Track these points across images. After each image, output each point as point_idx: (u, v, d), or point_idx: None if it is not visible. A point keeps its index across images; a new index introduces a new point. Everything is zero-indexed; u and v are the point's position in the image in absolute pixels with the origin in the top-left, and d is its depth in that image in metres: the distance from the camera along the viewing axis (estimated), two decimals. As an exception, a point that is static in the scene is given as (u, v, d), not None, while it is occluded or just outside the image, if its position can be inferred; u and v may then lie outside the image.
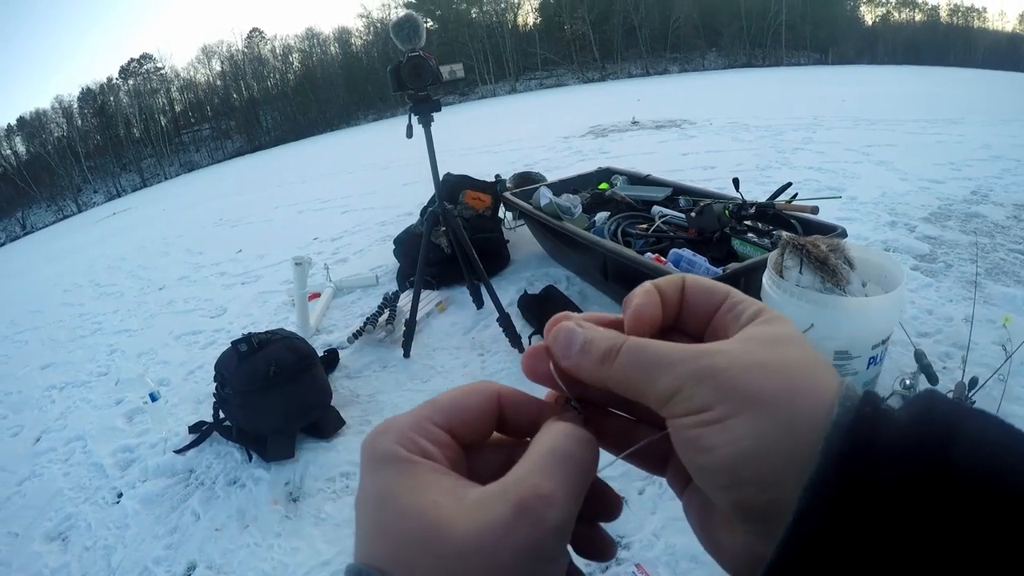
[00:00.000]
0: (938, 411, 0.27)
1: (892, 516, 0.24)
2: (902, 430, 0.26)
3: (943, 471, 0.24)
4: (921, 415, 0.27)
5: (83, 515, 2.55)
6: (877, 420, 0.27)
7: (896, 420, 0.27)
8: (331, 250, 5.69)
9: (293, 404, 2.65)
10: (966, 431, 0.25)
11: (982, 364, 2.38)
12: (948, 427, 0.25)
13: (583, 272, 3.79)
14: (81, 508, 2.60)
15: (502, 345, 3.19)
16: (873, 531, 0.24)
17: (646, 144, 8.81)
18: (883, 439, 0.26)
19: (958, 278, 3.28)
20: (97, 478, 2.78)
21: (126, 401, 3.46)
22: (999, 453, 0.24)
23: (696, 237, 3.19)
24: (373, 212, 6.92)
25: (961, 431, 0.25)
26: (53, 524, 2.53)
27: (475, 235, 3.79)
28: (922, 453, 0.25)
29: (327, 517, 2.26)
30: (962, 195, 4.56)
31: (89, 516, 2.54)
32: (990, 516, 0.23)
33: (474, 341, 3.39)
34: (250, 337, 2.72)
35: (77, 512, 2.58)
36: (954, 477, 0.24)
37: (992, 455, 0.24)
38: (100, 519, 2.50)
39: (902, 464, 0.25)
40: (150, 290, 5.79)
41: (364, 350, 3.43)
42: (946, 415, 0.26)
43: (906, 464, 0.25)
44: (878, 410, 0.27)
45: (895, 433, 0.26)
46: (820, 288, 2.06)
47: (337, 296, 4.36)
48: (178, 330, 4.42)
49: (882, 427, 0.27)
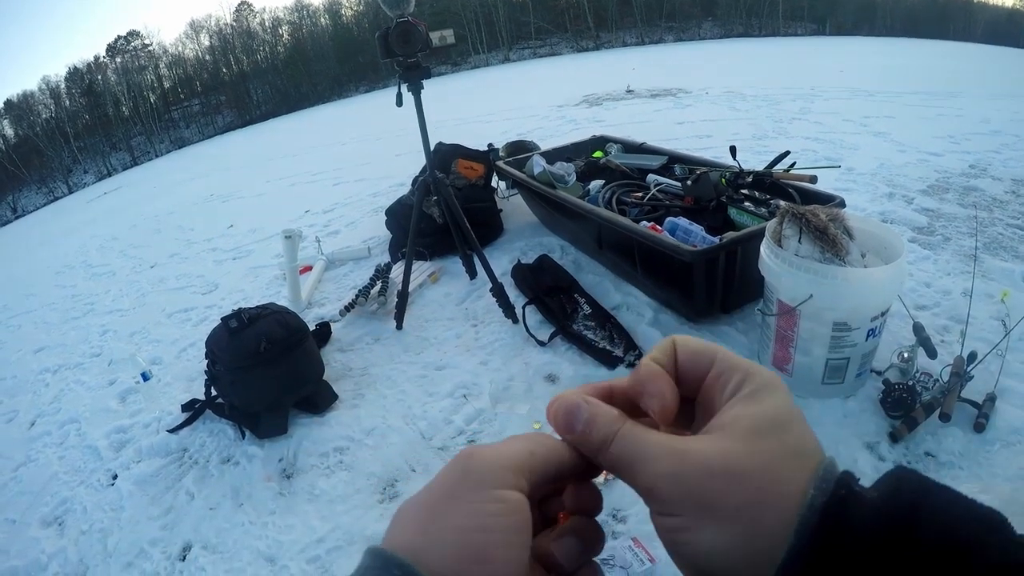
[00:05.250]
0: (905, 488, 0.29)
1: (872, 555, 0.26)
2: (873, 509, 0.28)
3: (910, 546, 0.26)
4: (891, 494, 0.29)
5: (79, 499, 2.53)
6: (849, 500, 0.29)
7: (867, 500, 0.29)
8: (323, 222, 5.62)
9: (285, 379, 2.61)
10: (931, 507, 0.28)
11: (980, 338, 2.36)
12: (914, 505, 0.28)
13: (577, 241, 3.75)
14: (76, 492, 2.57)
15: (496, 315, 3.15)
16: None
17: (641, 113, 8.69)
18: (854, 518, 0.28)
19: (956, 251, 3.25)
20: (92, 461, 2.76)
21: (119, 382, 3.42)
22: (962, 528, 0.26)
23: (692, 206, 3.14)
24: (365, 184, 6.82)
25: (926, 508, 0.27)
26: (49, 509, 2.51)
27: (468, 204, 3.71)
28: (890, 531, 0.27)
29: (321, 493, 2.23)
30: (960, 168, 4.51)
31: (84, 499, 2.51)
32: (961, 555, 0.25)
33: (467, 312, 3.35)
34: (240, 313, 2.67)
35: (73, 496, 2.55)
36: (920, 551, 0.26)
37: (955, 530, 0.26)
38: (95, 502, 2.48)
39: (872, 540, 0.27)
40: (142, 268, 5.73)
41: (356, 323, 3.38)
42: (913, 492, 0.29)
43: (875, 540, 0.27)
44: (851, 491, 0.30)
45: (867, 512, 0.28)
46: (819, 258, 2.01)
47: (329, 269, 4.31)
48: (170, 308, 4.37)
49: (853, 507, 0.29)
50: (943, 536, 0.26)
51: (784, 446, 0.31)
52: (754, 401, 0.33)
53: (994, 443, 1.96)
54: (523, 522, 0.32)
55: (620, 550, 1.76)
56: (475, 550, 0.31)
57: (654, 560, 1.73)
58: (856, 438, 2.06)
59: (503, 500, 0.32)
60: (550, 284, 3.25)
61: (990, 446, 1.96)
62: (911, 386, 2.11)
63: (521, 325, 3.03)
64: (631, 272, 3.11)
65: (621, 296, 3.15)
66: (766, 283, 2.26)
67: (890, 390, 2.11)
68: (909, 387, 2.10)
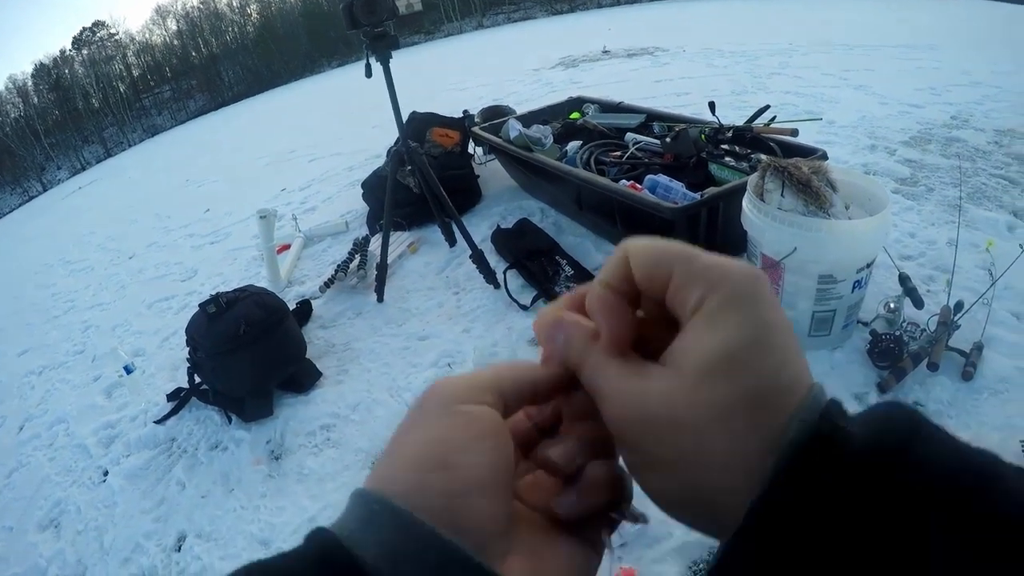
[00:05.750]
0: (898, 416, 0.26)
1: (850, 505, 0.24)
2: (863, 433, 0.26)
3: (895, 493, 0.24)
4: (881, 421, 0.26)
5: (72, 499, 2.52)
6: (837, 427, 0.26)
7: (857, 424, 0.26)
8: (299, 200, 5.55)
9: (267, 361, 2.58)
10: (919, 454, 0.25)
11: (966, 288, 2.35)
12: (902, 450, 0.25)
13: (557, 203, 3.70)
14: (69, 492, 2.56)
15: (477, 282, 3.11)
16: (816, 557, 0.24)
17: (618, 73, 8.55)
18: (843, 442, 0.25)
19: (940, 202, 3.22)
20: (82, 459, 2.74)
21: (104, 377, 3.38)
22: (958, 453, 0.25)
23: (672, 163, 3.10)
24: (341, 158, 6.72)
25: (912, 455, 0.25)
26: (44, 512, 2.50)
27: (444, 172, 3.67)
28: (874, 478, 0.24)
29: (310, 472, 2.22)
30: (942, 120, 4.45)
31: (78, 499, 2.50)
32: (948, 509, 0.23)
33: (448, 280, 3.31)
34: (218, 297, 2.64)
35: (66, 497, 2.54)
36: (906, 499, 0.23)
37: (951, 454, 0.25)
38: (89, 501, 2.47)
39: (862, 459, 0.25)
40: (120, 260, 5.65)
41: (337, 298, 3.34)
42: (902, 431, 0.26)
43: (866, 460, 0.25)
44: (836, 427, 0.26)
45: (856, 435, 0.26)
46: (803, 211, 2.00)
47: (307, 246, 4.25)
48: (150, 298, 4.32)
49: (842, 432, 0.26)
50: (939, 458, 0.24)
51: (739, 391, 0.27)
52: (711, 326, 0.28)
53: (982, 392, 1.97)
54: (489, 430, 0.31)
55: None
56: (434, 459, 0.29)
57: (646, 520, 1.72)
58: (844, 389, 2.05)
59: (465, 413, 0.31)
60: (531, 248, 3.21)
61: (978, 395, 1.96)
62: (898, 336, 2.10)
63: (503, 290, 2.99)
64: (612, 232, 3.08)
65: (603, 256, 3.12)
66: (749, 238, 2.23)
67: (877, 341, 2.11)
68: (896, 337, 2.09)
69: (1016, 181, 3.32)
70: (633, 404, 0.30)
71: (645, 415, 0.29)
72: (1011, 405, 1.90)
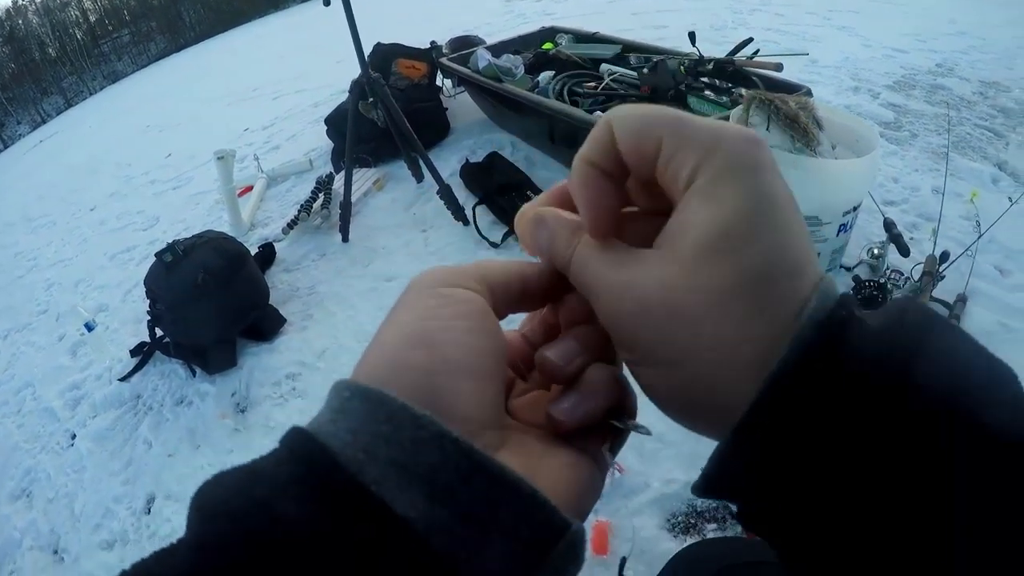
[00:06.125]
0: (910, 321, 0.25)
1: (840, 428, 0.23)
2: (873, 337, 0.24)
3: (902, 391, 0.23)
4: (893, 324, 0.25)
5: (42, 466, 2.44)
6: (849, 324, 0.25)
7: (868, 328, 0.25)
8: (263, 139, 5.33)
9: (228, 309, 2.47)
10: (933, 349, 0.24)
11: (949, 237, 2.28)
12: (917, 341, 0.24)
13: (528, 136, 3.54)
14: (39, 459, 2.49)
15: (445, 219, 2.98)
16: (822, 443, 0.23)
17: (594, 4, 8.21)
18: (852, 346, 0.24)
19: (924, 148, 3.13)
20: (49, 423, 2.65)
21: (68, 336, 3.26)
22: (960, 375, 0.23)
23: (649, 95, 2.96)
24: (305, 94, 6.46)
25: (927, 348, 0.24)
26: (15, 482, 2.43)
27: (411, 106, 3.50)
28: (887, 367, 0.23)
29: (276, 425, 2.15)
30: (927, 67, 4.30)
31: (48, 465, 2.43)
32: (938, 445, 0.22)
33: (415, 217, 3.18)
34: (174, 245, 2.51)
35: (36, 464, 2.47)
36: (911, 398, 0.23)
37: (953, 376, 0.23)
38: (58, 466, 2.40)
39: (864, 374, 0.23)
40: (81, 213, 5.43)
41: (301, 240, 3.21)
42: (917, 326, 0.24)
43: (868, 376, 0.23)
44: (851, 313, 0.25)
45: (867, 339, 0.24)
46: (789, 148, 1.90)
47: (271, 186, 4.07)
48: (112, 249, 4.15)
49: (852, 332, 0.24)
50: (940, 382, 0.23)
51: (738, 272, 0.25)
52: (707, 199, 0.26)
53: None
54: (475, 311, 0.29)
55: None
56: (413, 336, 0.27)
57: (623, 470, 1.67)
58: None
59: (448, 294, 0.29)
60: (501, 182, 3.07)
61: None
62: (882, 284, 2.05)
63: (472, 227, 2.88)
64: None
65: None
66: None
67: (860, 287, 2.05)
68: (880, 285, 2.04)
69: (1001, 134, 3.22)
70: (627, 295, 0.28)
71: (640, 306, 0.27)
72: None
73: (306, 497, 0.23)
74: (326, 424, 0.25)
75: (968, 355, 0.24)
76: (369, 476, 0.23)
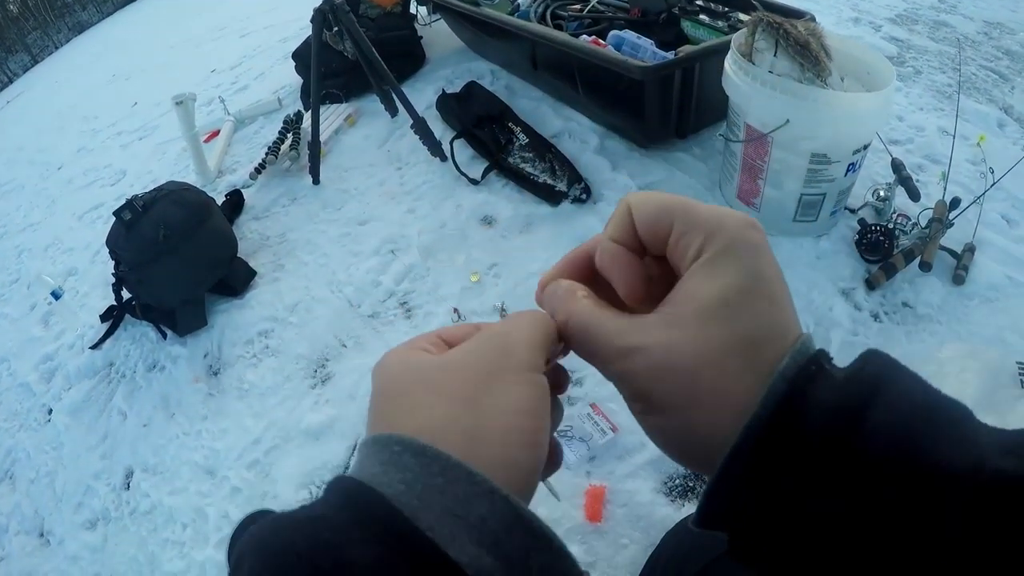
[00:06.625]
0: (867, 372, 0.29)
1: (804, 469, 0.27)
2: (835, 389, 0.28)
3: (856, 436, 0.26)
4: (854, 372, 0.29)
5: (22, 445, 2.35)
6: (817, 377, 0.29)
7: (833, 379, 0.29)
8: (230, 80, 5.04)
9: (193, 266, 2.31)
10: (888, 396, 0.27)
11: (955, 182, 2.13)
12: (873, 390, 0.27)
13: (509, 64, 3.31)
14: (18, 438, 2.39)
15: (421, 155, 2.79)
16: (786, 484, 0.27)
17: None
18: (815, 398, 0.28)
19: (928, 86, 2.92)
20: (26, 399, 2.54)
21: (39, 305, 3.10)
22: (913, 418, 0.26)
23: (639, 18, 2.73)
24: (273, 30, 6.09)
25: (882, 396, 0.27)
26: (-2, 465, 2.35)
27: (383, 35, 3.30)
28: (845, 412, 0.27)
29: (250, 387, 2.03)
30: (930, 2, 4.01)
31: (27, 444, 2.34)
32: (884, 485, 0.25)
33: (390, 154, 2.99)
34: (132, 202, 2.32)
35: (16, 444, 2.37)
36: (864, 442, 0.26)
37: (905, 422, 0.26)
38: (37, 444, 2.30)
39: (825, 422, 0.27)
40: (49, 173, 5.20)
41: (270, 184, 3.00)
42: (876, 376, 0.28)
43: (828, 423, 0.27)
44: (821, 368, 0.29)
45: (829, 390, 0.28)
46: (798, 77, 1.71)
47: (238, 129, 3.83)
48: (79, 209, 3.96)
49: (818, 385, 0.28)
50: (892, 427, 0.26)
51: (733, 335, 0.30)
52: (710, 273, 0.31)
53: (973, 298, 1.82)
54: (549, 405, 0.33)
55: (578, 419, 1.61)
56: (527, 435, 0.31)
57: (616, 429, 1.57)
58: (830, 283, 1.89)
59: (541, 384, 0.33)
60: (480, 113, 2.85)
61: (969, 300, 1.81)
62: (889, 229, 1.90)
63: (450, 163, 2.69)
64: (572, 95, 2.75)
65: (562, 122, 2.79)
66: (731, 105, 1.95)
67: (866, 231, 1.92)
68: (887, 230, 1.89)
69: (1006, 76, 3.01)
70: (637, 357, 0.31)
71: (648, 364, 0.31)
72: (1002, 315, 1.75)
73: (370, 540, 0.25)
74: (378, 475, 0.27)
75: (921, 399, 0.27)
76: (424, 522, 0.26)
